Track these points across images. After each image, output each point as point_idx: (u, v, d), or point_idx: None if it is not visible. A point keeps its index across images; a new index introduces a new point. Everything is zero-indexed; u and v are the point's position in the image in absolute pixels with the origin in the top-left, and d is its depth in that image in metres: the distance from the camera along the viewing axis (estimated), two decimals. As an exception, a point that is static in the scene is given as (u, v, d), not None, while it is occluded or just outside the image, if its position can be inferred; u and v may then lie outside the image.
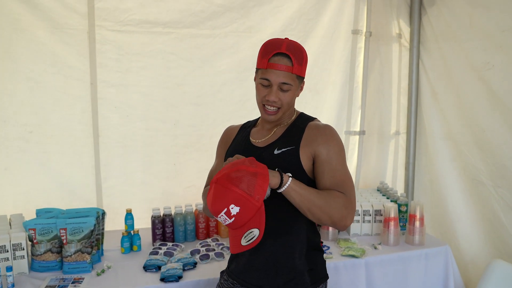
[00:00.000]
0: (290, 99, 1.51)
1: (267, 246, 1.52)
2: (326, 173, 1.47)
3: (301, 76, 1.52)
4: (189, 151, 2.89)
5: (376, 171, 3.40)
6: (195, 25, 2.76)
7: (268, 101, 1.50)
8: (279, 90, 1.48)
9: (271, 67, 1.46)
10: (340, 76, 3.19)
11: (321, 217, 1.43)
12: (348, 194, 1.46)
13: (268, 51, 1.48)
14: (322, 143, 1.49)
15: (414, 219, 2.55)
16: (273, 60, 1.46)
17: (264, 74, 1.48)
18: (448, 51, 3.01)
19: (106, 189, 2.77)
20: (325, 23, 3.05)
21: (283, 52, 1.46)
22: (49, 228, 2.13)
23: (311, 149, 1.49)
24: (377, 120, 3.36)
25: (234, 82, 2.89)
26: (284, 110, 1.53)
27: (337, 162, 1.49)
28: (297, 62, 1.47)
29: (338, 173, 1.48)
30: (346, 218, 1.44)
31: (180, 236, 2.59)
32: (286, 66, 1.46)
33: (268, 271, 1.53)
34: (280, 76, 1.46)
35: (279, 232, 1.51)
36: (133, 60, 2.71)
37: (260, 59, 1.51)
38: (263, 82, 1.50)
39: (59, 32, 2.53)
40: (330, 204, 1.41)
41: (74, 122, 2.67)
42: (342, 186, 1.46)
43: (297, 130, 1.55)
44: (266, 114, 1.54)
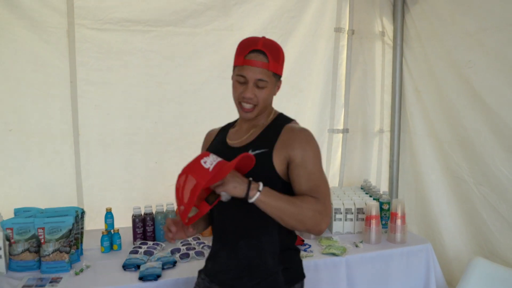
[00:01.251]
0: (266, 96, 1.53)
1: (241, 248, 1.54)
2: (302, 178, 1.47)
3: (277, 74, 1.54)
4: (171, 150, 2.91)
5: (360, 169, 3.44)
6: (176, 23, 2.78)
7: (244, 98, 1.51)
8: (255, 86, 1.50)
9: (247, 63, 1.48)
10: (323, 74, 3.22)
11: (294, 225, 1.44)
12: (322, 199, 1.46)
13: (244, 48, 1.51)
14: (297, 147, 1.49)
15: (395, 217, 2.57)
16: (249, 57, 1.48)
17: (240, 71, 1.50)
18: (431, 49, 3.04)
19: (87, 188, 2.79)
20: (308, 21, 3.08)
21: (259, 49, 1.49)
22: (27, 228, 2.14)
23: (285, 153, 1.50)
24: (361, 118, 3.40)
25: (215, 80, 2.91)
26: (260, 107, 1.54)
27: (313, 167, 1.49)
28: (273, 59, 1.49)
29: (314, 177, 1.48)
30: (320, 224, 1.44)
31: (161, 235, 2.60)
32: (262, 62, 1.48)
33: (242, 272, 1.55)
34: (256, 73, 1.48)
35: (252, 233, 1.54)
36: (114, 59, 2.72)
37: (237, 56, 1.54)
38: (239, 79, 1.51)
39: (38, 30, 2.55)
40: (303, 211, 1.41)
41: (54, 121, 2.69)
42: (317, 191, 1.46)
43: (272, 132, 1.56)
44: (242, 112, 1.56)
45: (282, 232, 1.56)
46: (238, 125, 1.70)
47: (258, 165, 1.46)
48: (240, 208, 1.50)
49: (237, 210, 1.52)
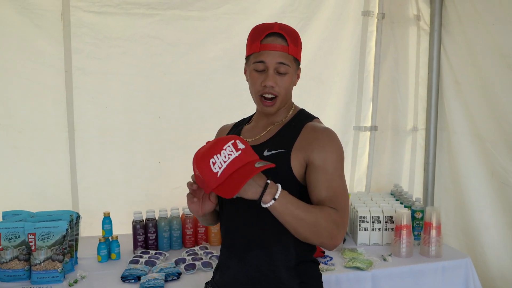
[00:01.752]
0: (288, 84, 1.54)
1: (252, 257, 1.56)
2: (320, 183, 1.47)
3: (297, 59, 1.55)
4: (176, 148, 2.94)
5: (390, 172, 3.43)
6: (182, 6, 2.81)
7: (265, 88, 1.51)
8: (275, 73, 1.51)
9: (265, 48, 1.49)
10: (349, 64, 3.22)
11: (308, 237, 1.44)
12: (341, 211, 1.45)
13: (259, 33, 1.52)
14: (317, 148, 1.49)
15: (429, 228, 2.56)
16: (267, 41, 1.49)
17: (258, 57, 1.51)
18: (474, 35, 3.02)
19: (83, 190, 2.84)
20: (331, 3, 3.08)
21: (276, 32, 1.50)
22: (16, 233, 2.18)
23: (304, 154, 1.50)
24: (391, 114, 3.38)
25: (226, 70, 2.93)
26: (282, 98, 1.55)
27: (334, 172, 1.49)
28: (292, 43, 1.51)
29: (334, 185, 1.48)
30: (335, 238, 1.44)
31: (165, 244, 2.63)
32: (282, 46, 1.49)
33: (254, 285, 1.57)
34: (275, 57, 1.49)
35: (265, 242, 1.55)
36: (113, 45, 2.76)
37: (250, 44, 1.54)
38: (257, 67, 1.52)
39: (29, 13, 2.59)
40: (320, 223, 1.41)
41: (46, 115, 2.74)
42: (336, 201, 1.46)
43: (292, 131, 1.56)
44: (264, 106, 1.55)
45: (298, 242, 1.55)
46: (254, 121, 1.70)
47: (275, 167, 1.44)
48: (251, 214, 1.51)
49: (248, 215, 1.53)
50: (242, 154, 1.36)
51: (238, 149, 1.35)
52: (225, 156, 1.34)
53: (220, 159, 1.33)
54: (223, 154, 1.34)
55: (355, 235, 2.76)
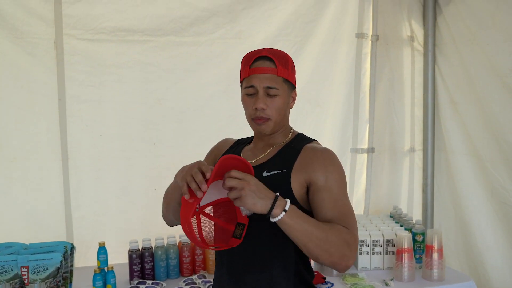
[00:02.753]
0: (280, 106, 1.56)
1: (251, 281, 1.54)
2: (326, 204, 1.47)
3: (289, 80, 1.58)
4: (172, 175, 2.82)
5: (388, 194, 3.42)
6: (177, 32, 2.83)
7: (256, 111, 1.54)
8: (265, 96, 1.54)
9: (254, 72, 1.54)
10: (344, 86, 3.24)
11: (319, 255, 1.41)
12: (351, 230, 1.45)
13: (248, 59, 1.57)
14: (319, 169, 1.50)
15: (431, 250, 2.53)
16: (255, 65, 1.54)
17: (248, 82, 1.55)
18: (468, 55, 3.05)
19: (77, 219, 2.81)
20: (326, 26, 3.11)
21: (264, 55, 1.55)
22: (9, 266, 2.14)
23: (305, 175, 1.51)
24: (388, 135, 3.40)
25: (222, 95, 2.95)
26: (275, 119, 1.57)
27: (338, 192, 1.50)
28: (281, 64, 1.54)
29: (340, 204, 1.48)
30: (347, 258, 1.42)
31: (162, 273, 2.60)
32: (270, 68, 1.53)
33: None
34: (263, 80, 1.53)
35: (262, 265, 1.54)
36: (107, 73, 2.77)
37: (242, 70, 1.60)
38: (248, 91, 1.56)
39: (22, 41, 2.60)
40: (332, 240, 1.39)
41: (39, 143, 2.72)
42: (344, 220, 1.45)
43: (291, 152, 1.58)
44: (257, 125, 1.58)
45: (299, 266, 1.56)
46: (254, 143, 1.73)
47: (273, 188, 1.43)
48: (251, 236, 1.49)
49: (248, 236, 1.51)
50: None
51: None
52: None
53: None
54: None
55: (355, 260, 2.72)
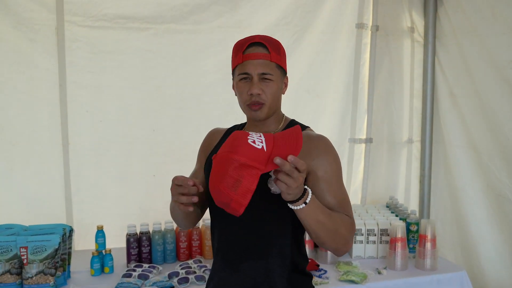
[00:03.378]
0: (274, 91, 1.57)
1: (248, 268, 1.57)
2: (326, 192, 1.50)
3: (281, 66, 1.59)
4: (171, 161, 2.96)
5: (385, 184, 3.44)
6: (176, 20, 2.85)
7: (252, 97, 1.55)
8: (260, 81, 1.55)
9: (248, 57, 1.54)
10: (343, 76, 3.25)
11: (325, 242, 1.47)
12: (351, 218, 1.52)
13: (241, 46, 1.57)
14: (317, 157, 1.52)
15: (424, 240, 2.56)
16: (249, 51, 1.54)
17: (242, 69, 1.55)
18: (468, 47, 3.05)
19: (77, 203, 2.85)
20: (325, 16, 3.12)
21: (257, 42, 1.55)
22: (8, 247, 2.19)
23: None
24: (387, 126, 3.41)
25: (221, 83, 2.95)
26: (269, 105, 1.57)
27: (336, 180, 1.53)
28: (274, 50, 1.55)
29: (339, 192, 1.52)
30: (349, 244, 1.51)
31: (159, 257, 2.64)
32: (263, 54, 1.54)
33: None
34: (258, 66, 1.53)
35: (259, 253, 1.56)
36: (107, 59, 2.80)
37: (234, 57, 1.59)
38: (242, 77, 1.56)
39: (24, 27, 2.63)
40: (339, 230, 1.46)
41: (40, 128, 2.76)
42: (344, 208, 1.51)
43: None
44: (252, 111, 1.58)
45: (294, 254, 1.58)
46: (247, 129, 1.72)
47: None
48: (248, 222, 1.52)
49: (245, 225, 1.54)
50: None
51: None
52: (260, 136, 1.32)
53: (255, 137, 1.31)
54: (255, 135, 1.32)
55: (346, 253, 2.76)
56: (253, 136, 1.30)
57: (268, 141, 1.29)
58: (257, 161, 1.26)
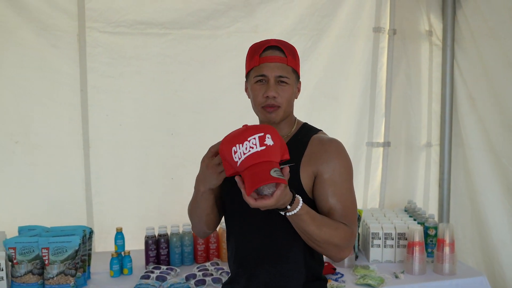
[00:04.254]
0: (289, 95, 1.57)
1: (262, 274, 1.58)
2: (329, 196, 1.50)
3: (296, 71, 1.60)
4: (188, 164, 2.95)
5: (404, 188, 3.41)
6: (194, 26, 2.88)
7: (267, 99, 1.54)
8: (277, 84, 1.54)
9: (265, 60, 1.54)
10: (360, 80, 3.24)
11: (319, 249, 1.49)
12: (350, 225, 1.50)
13: (257, 49, 1.58)
14: (326, 161, 1.52)
15: (443, 244, 2.54)
16: (265, 54, 1.55)
17: (258, 71, 1.55)
18: (487, 50, 3.02)
19: (97, 205, 2.90)
20: (342, 20, 3.12)
21: (273, 45, 1.56)
22: (31, 247, 2.24)
23: (313, 167, 1.53)
24: (405, 129, 3.38)
25: (237, 87, 2.88)
26: (284, 109, 1.57)
27: (342, 185, 1.53)
28: (290, 55, 1.56)
29: (343, 198, 1.52)
30: (343, 252, 1.50)
31: (176, 259, 2.67)
32: (280, 57, 1.54)
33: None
34: (275, 69, 1.53)
35: (275, 259, 1.57)
36: (127, 64, 2.84)
37: (249, 60, 1.60)
38: (258, 79, 1.56)
39: (46, 34, 2.69)
40: (333, 239, 1.46)
41: (62, 132, 2.82)
42: (346, 215, 1.50)
43: (299, 145, 1.59)
44: (267, 113, 1.57)
45: (309, 259, 1.59)
46: None
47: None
48: (264, 229, 1.54)
49: (260, 231, 1.56)
50: (264, 151, 1.32)
51: (263, 144, 1.32)
52: (246, 148, 1.32)
53: (241, 150, 1.33)
54: (246, 145, 1.32)
55: (367, 252, 2.75)
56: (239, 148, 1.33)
57: (243, 163, 1.32)
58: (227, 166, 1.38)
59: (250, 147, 1.32)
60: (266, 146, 1.32)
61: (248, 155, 1.32)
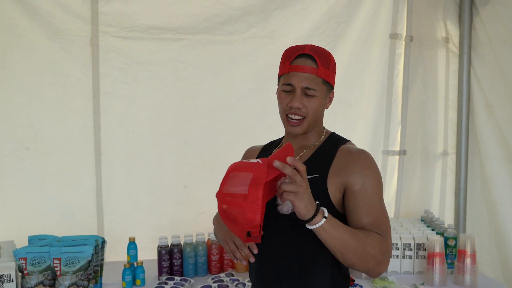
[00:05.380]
0: (316, 107, 1.52)
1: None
2: (361, 209, 1.45)
3: (328, 81, 1.53)
4: (202, 172, 2.97)
5: (420, 197, 3.38)
6: (209, 31, 2.88)
7: (291, 109, 1.51)
8: (303, 95, 1.50)
9: (294, 69, 1.49)
10: (376, 87, 3.23)
11: (354, 262, 1.40)
12: (385, 237, 1.44)
13: (290, 55, 1.53)
14: (356, 172, 1.47)
15: (464, 256, 2.49)
16: (296, 62, 1.50)
17: (286, 79, 1.51)
18: (505, 57, 3.00)
19: (108, 214, 2.87)
20: (358, 26, 3.11)
21: (306, 53, 1.50)
22: (42, 258, 2.18)
23: (342, 179, 1.48)
24: (420, 138, 3.37)
25: (252, 94, 2.98)
26: (310, 120, 1.53)
27: (373, 196, 1.47)
28: (322, 65, 1.49)
29: (375, 209, 1.46)
30: (381, 265, 1.42)
31: (190, 270, 2.62)
32: (311, 67, 1.48)
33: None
34: (303, 80, 1.48)
35: (300, 273, 1.51)
36: (140, 70, 2.83)
37: (282, 64, 1.56)
38: (285, 88, 1.52)
39: (59, 38, 2.68)
40: (367, 249, 1.39)
41: (73, 138, 2.79)
42: (379, 226, 1.44)
43: (326, 155, 1.55)
44: (290, 126, 1.54)
45: (335, 274, 1.52)
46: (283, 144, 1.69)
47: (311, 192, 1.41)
48: (287, 243, 1.49)
49: (284, 244, 1.51)
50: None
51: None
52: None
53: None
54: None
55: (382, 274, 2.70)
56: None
57: (263, 159, 1.28)
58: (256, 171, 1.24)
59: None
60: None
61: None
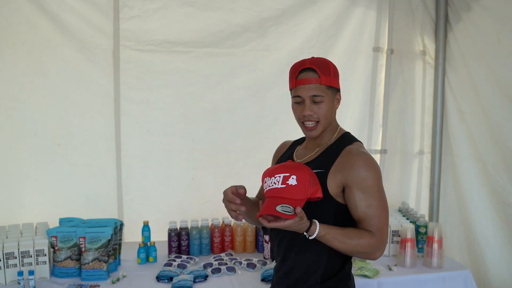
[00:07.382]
0: (325, 111, 1.61)
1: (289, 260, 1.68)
2: (358, 207, 1.53)
3: (332, 86, 1.62)
4: (207, 166, 3.07)
5: (398, 191, 3.44)
6: (214, 45, 2.97)
7: (304, 117, 1.60)
8: (312, 103, 1.59)
9: (299, 83, 1.59)
10: (361, 93, 3.29)
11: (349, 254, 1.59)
12: (379, 233, 1.54)
13: (294, 71, 1.64)
14: (352, 172, 1.53)
15: (432, 241, 2.58)
16: (300, 77, 1.60)
17: (295, 92, 1.62)
18: (475, 69, 3.04)
19: (127, 201, 2.99)
20: (345, 40, 3.17)
21: (307, 67, 1.60)
22: (70, 236, 2.35)
23: (341, 177, 1.55)
24: (400, 138, 3.41)
25: (251, 99, 3.08)
26: (323, 123, 1.62)
27: (370, 195, 1.53)
28: (323, 74, 1.59)
29: (369, 209, 1.53)
30: (373, 255, 1.57)
31: (195, 250, 2.74)
32: (313, 78, 1.58)
33: (289, 282, 1.69)
34: (308, 90, 1.58)
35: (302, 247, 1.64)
36: (154, 78, 2.94)
37: (290, 80, 1.66)
38: (296, 100, 1.62)
39: (86, 51, 2.80)
40: (358, 248, 1.53)
41: (98, 137, 2.92)
42: (372, 224, 1.53)
43: (332, 153, 1.62)
44: (306, 131, 1.64)
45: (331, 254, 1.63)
46: (306, 142, 1.78)
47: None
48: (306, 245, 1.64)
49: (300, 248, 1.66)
50: (283, 189, 1.44)
51: (285, 183, 1.45)
52: (271, 183, 1.48)
53: (268, 182, 1.49)
54: (272, 180, 1.48)
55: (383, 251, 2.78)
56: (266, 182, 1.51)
57: (266, 193, 1.49)
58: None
59: (274, 183, 1.47)
60: (286, 185, 1.44)
61: (269, 189, 1.47)
